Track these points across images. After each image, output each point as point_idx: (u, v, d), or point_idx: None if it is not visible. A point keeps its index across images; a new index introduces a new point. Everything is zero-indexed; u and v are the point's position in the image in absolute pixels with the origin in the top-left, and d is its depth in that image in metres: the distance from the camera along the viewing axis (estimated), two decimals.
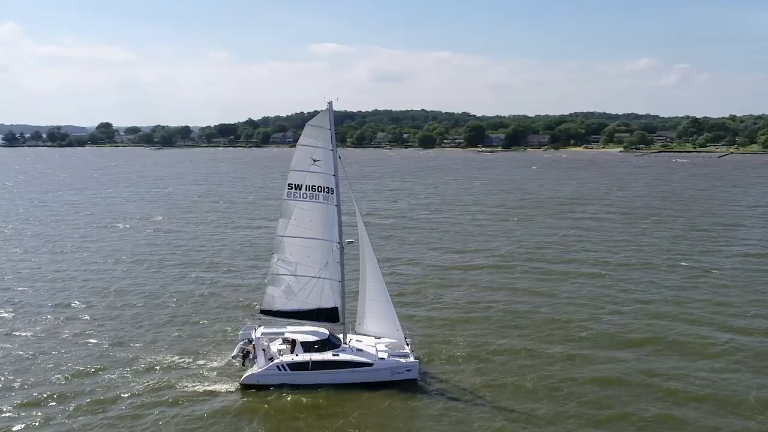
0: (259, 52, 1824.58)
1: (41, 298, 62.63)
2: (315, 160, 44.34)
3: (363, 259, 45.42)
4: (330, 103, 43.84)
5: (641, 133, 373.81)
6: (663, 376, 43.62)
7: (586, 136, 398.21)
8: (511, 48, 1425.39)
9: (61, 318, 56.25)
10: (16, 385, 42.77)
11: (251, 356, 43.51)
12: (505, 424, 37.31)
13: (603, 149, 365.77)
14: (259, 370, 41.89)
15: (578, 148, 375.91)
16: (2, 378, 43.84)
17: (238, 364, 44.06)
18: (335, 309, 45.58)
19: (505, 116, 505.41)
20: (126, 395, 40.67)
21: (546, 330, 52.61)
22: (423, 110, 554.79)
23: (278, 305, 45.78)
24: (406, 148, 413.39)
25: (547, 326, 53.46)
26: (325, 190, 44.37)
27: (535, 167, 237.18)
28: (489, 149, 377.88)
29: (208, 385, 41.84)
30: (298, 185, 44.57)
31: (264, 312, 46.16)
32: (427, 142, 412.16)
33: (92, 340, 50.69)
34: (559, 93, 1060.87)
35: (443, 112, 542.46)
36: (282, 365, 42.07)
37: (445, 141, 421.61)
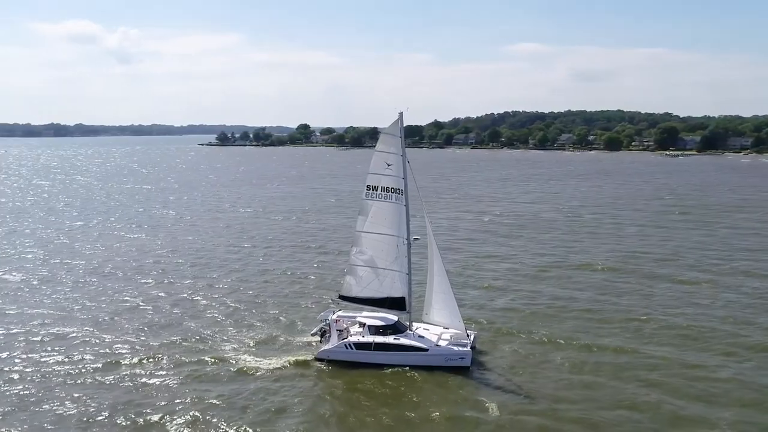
0: (458, 53, 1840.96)
1: (184, 272, 75.33)
2: (389, 165, 49.67)
3: (430, 256, 50.24)
4: (401, 114, 48.87)
5: None
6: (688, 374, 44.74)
7: None
8: (730, 42, 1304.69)
9: (191, 288, 67.44)
10: (132, 337, 53.42)
11: (327, 335, 50.14)
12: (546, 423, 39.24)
13: None
14: (330, 347, 48.32)
15: None
16: (123, 331, 54.95)
17: (315, 338, 51.20)
18: (402, 299, 50.63)
19: (714, 117, 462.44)
20: (215, 359, 48.43)
21: (605, 327, 54.60)
22: (620, 111, 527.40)
23: (354, 292, 51.88)
24: (590, 150, 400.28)
25: (610, 324, 55.32)
26: (396, 191, 49.59)
27: (715, 173, 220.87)
28: (678, 152, 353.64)
29: (289, 356, 48.65)
30: (374, 187, 50.18)
31: (342, 297, 52.59)
32: (613, 145, 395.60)
33: (205, 310, 60.46)
34: None
35: (642, 112, 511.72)
36: (349, 344, 48.07)
37: (633, 143, 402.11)
